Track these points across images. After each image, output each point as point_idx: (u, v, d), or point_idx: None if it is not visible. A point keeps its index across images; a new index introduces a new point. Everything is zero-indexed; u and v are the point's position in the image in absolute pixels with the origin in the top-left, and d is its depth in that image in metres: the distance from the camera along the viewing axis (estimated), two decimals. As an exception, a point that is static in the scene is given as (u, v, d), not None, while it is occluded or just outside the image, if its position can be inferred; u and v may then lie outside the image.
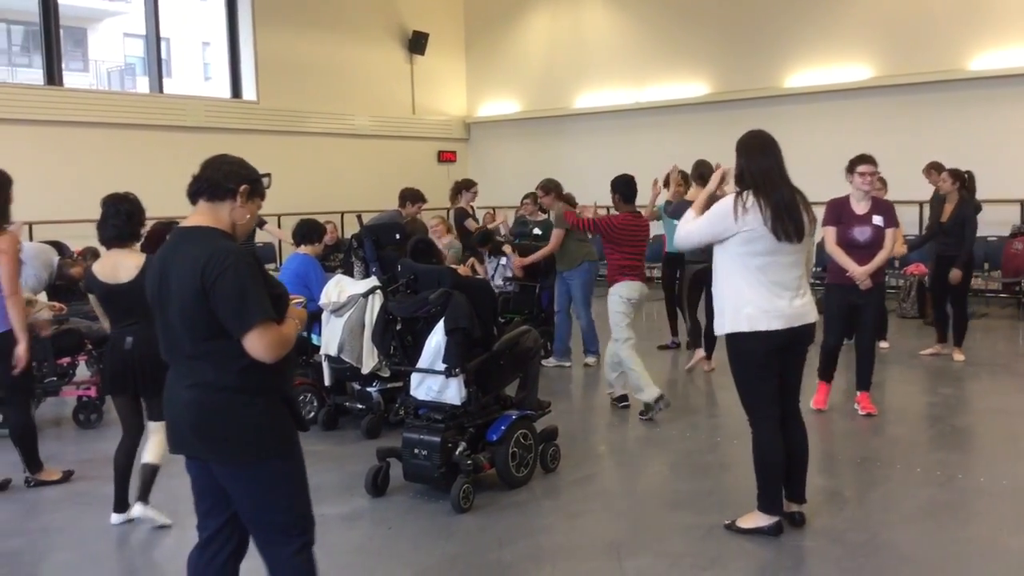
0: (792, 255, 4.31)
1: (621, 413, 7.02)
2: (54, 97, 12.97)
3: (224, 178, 3.02)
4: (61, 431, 6.81)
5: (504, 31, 17.80)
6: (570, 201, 9.23)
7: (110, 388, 4.86)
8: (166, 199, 6.02)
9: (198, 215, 3.03)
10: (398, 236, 7.11)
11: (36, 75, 18.12)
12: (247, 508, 3.01)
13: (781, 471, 4.46)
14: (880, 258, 6.36)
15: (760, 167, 4.26)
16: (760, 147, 4.32)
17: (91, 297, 4.92)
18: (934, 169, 9.28)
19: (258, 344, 2.83)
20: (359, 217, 7.14)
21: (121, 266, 4.72)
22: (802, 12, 14.09)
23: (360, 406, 6.61)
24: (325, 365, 6.65)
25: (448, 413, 5.14)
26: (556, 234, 8.52)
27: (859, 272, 6.32)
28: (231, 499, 3.03)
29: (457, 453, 5.01)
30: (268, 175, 3.23)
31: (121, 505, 4.88)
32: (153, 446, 4.82)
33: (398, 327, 5.42)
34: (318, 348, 6.97)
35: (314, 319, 6.90)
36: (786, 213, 4.18)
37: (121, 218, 4.77)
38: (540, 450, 5.44)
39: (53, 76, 13.23)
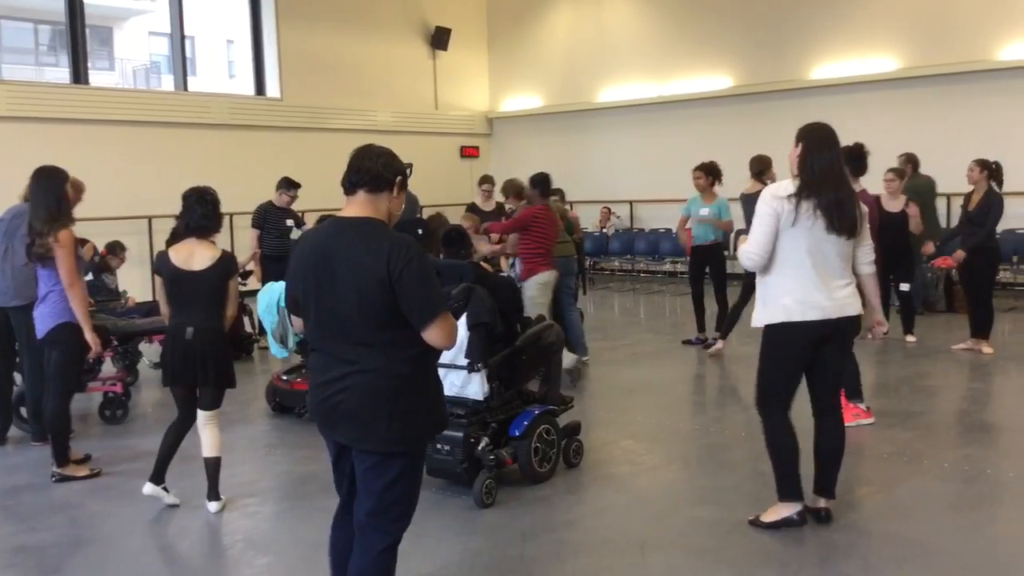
0: (837, 248, 4.29)
1: (646, 409, 6.98)
2: (80, 95, 13.10)
3: (383, 169, 3.12)
4: (87, 427, 6.87)
5: (527, 25, 17.76)
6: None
7: (171, 379, 4.95)
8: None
9: (357, 206, 3.10)
10: (420, 231, 7.10)
11: (63, 74, 18.32)
12: (370, 491, 3.11)
13: (795, 456, 4.45)
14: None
15: (822, 162, 4.24)
16: (824, 141, 4.30)
17: (157, 281, 5.00)
18: (909, 163, 9.28)
19: (438, 333, 2.99)
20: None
21: (197, 255, 4.85)
22: (827, 2, 13.95)
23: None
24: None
25: (470, 408, 5.13)
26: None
27: None
28: (356, 480, 3.15)
29: (479, 448, 5.00)
30: (411, 165, 3.34)
31: (157, 477, 5.02)
32: (209, 439, 4.93)
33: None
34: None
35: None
36: (836, 208, 4.19)
37: (208, 208, 4.90)
38: (563, 445, 5.42)
39: (79, 75, 13.35)
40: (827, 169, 4.24)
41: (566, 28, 17.22)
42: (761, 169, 8.58)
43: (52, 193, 5.46)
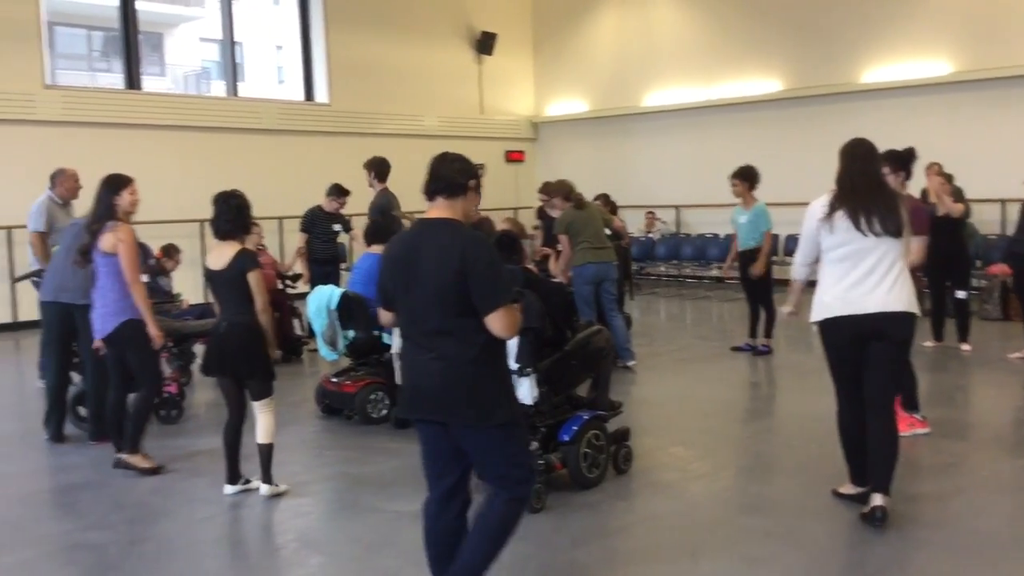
0: (874, 247, 4.51)
1: (695, 416, 6.93)
2: (133, 101, 13.36)
3: (457, 176, 3.48)
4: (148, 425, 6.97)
5: (572, 30, 17.75)
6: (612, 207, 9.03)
7: (209, 369, 5.23)
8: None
9: (438, 209, 3.48)
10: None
11: (115, 79, 18.67)
12: (482, 462, 3.48)
13: (855, 447, 4.73)
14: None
15: (855, 172, 4.60)
16: (859, 154, 4.65)
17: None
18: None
19: (499, 322, 3.31)
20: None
21: (222, 256, 5.08)
22: (878, 5, 13.75)
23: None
24: (396, 364, 6.69)
25: (520, 413, 5.13)
26: (561, 239, 8.40)
27: None
28: (466, 456, 3.48)
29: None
30: (482, 165, 3.56)
31: (233, 477, 5.25)
32: (263, 427, 5.13)
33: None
34: (388, 347, 7.04)
35: (386, 319, 6.97)
36: (863, 210, 4.49)
37: (232, 213, 5.12)
38: (612, 451, 5.40)
39: (132, 80, 13.61)
40: (860, 178, 4.57)
41: (612, 32, 17.19)
42: None
43: (107, 194, 5.62)
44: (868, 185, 4.57)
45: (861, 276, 4.53)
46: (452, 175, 3.47)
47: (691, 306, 13.56)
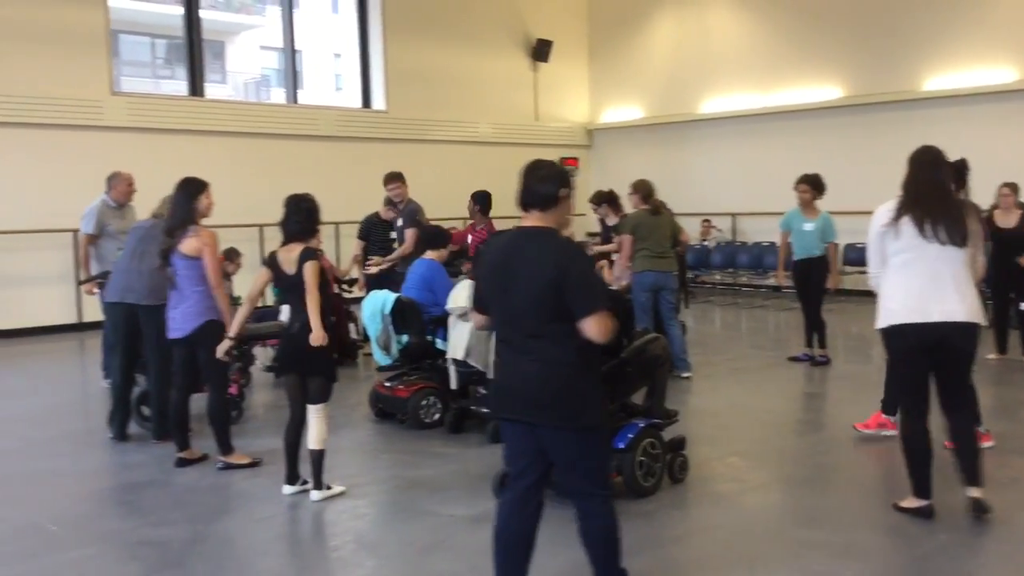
0: (938, 255, 4.54)
1: (751, 426, 6.86)
2: (197, 107, 13.64)
3: (550, 190, 3.56)
4: (204, 426, 7.10)
5: (628, 36, 17.71)
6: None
7: (280, 368, 5.37)
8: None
9: (533, 219, 3.58)
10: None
11: (177, 86, 19.10)
12: (569, 464, 3.54)
13: (924, 459, 4.71)
14: None
15: (922, 180, 4.64)
16: (926, 162, 4.68)
17: (262, 271, 5.39)
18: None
19: (595, 326, 3.39)
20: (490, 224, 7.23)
21: (292, 259, 5.19)
22: (942, 10, 13.50)
23: (485, 410, 6.66)
24: (452, 369, 6.75)
25: (575, 419, 5.12)
26: (622, 239, 8.39)
27: None
28: (551, 457, 3.56)
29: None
30: (575, 168, 3.61)
31: (292, 477, 5.34)
32: (315, 432, 5.18)
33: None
34: (442, 352, 7.08)
35: (438, 324, 7.02)
36: (929, 217, 4.51)
37: (301, 215, 5.24)
38: (668, 460, 5.37)
39: (196, 87, 13.90)
40: (927, 186, 4.60)
41: (668, 38, 17.11)
42: None
43: (186, 199, 5.78)
44: (934, 193, 4.59)
45: (925, 284, 4.55)
46: (545, 190, 3.55)
47: (747, 315, 13.42)
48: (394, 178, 9.28)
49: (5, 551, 4.64)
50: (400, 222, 9.11)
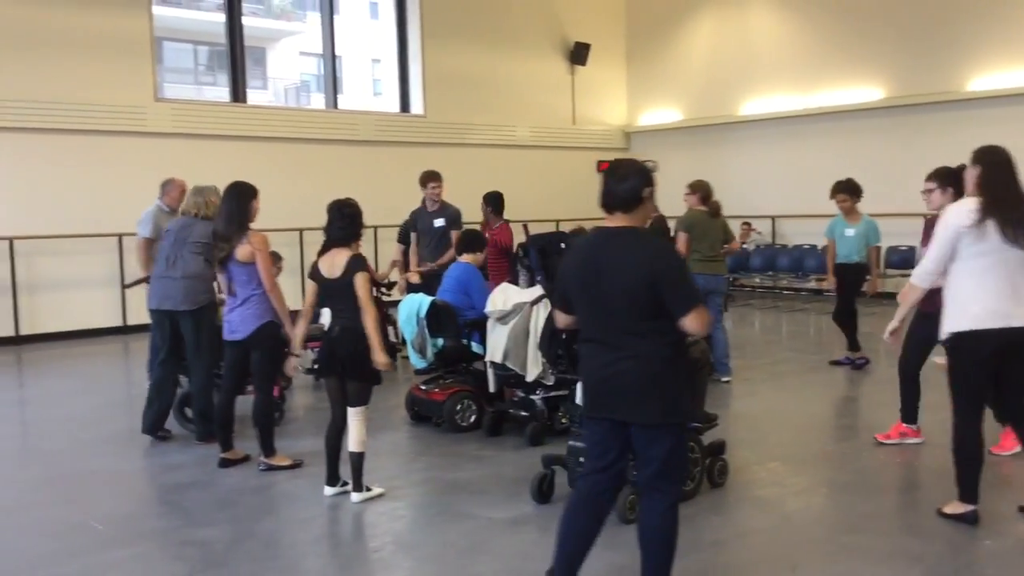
0: (1019, 260, 4.51)
1: (792, 430, 6.80)
2: (239, 113, 13.82)
3: (632, 192, 3.58)
4: (245, 427, 7.19)
5: (667, 39, 17.64)
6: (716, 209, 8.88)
7: (321, 371, 5.41)
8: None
9: (618, 219, 3.62)
10: (563, 245, 7.15)
11: (219, 92, 19.36)
12: (649, 459, 3.57)
13: (976, 465, 4.65)
14: None
15: (999, 182, 4.55)
16: (1001, 163, 4.61)
17: (309, 285, 5.45)
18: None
19: (695, 322, 3.46)
20: (525, 227, 7.24)
21: (336, 263, 5.23)
22: (986, 8, 13.28)
23: (524, 413, 6.68)
24: (490, 372, 6.77)
25: (614, 423, 5.11)
26: (678, 237, 8.35)
27: None
28: (635, 452, 3.63)
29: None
30: (653, 161, 3.65)
31: (333, 479, 5.41)
32: (355, 435, 5.23)
33: (564, 336, 5.44)
34: (477, 355, 7.11)
35: (474, 327, 7.05)
36: (1012, 221, 4.44)
37: (345, 220, 5.28)
38: (707, 464, 5.33)
39: (238, 93, 14.08)
40: (1005, 189, 4.52)
41: (708, 40, 17.02)
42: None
43: (240, 203, 5.87)
44: (1012, 196, 4.52)
45: (1007, 288, 4.50)
46: (627, 191, 3.58)
47: (787, 318, 13.30)
48: (434, 176, 9.23)
49: (53, 549, 4.73)
50: (441, 222, 9.08)
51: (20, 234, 11.59)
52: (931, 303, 5.39)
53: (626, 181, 3.60)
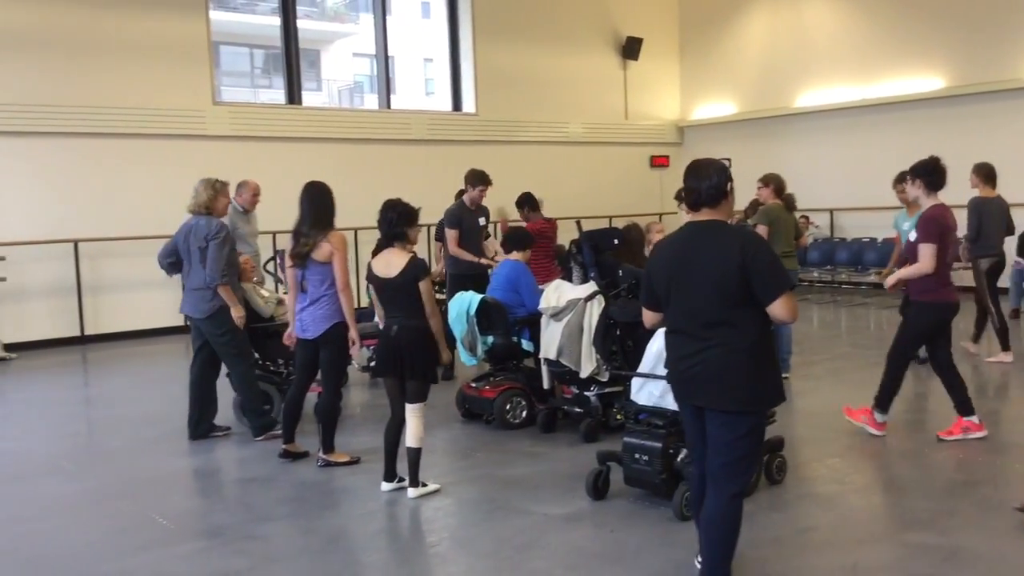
0: None
1: (852, 427, 6.69)
2: (294, 115, 14.01)
3: (717, 189, 3.71)
4: (300, 425, 7.29)
5: (720, 31, 17.45)
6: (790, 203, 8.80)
7: (379, 370, 5.48)
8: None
9: (705, 214, 3.74)
10: (616, 241, 7.13)
11: (275, 95, 19.62)
12: (722, 447, 3.65)
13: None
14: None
15: None
16: None
17: (370, 288, 5.54)
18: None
19: (783, 308, 3.55)
20: (578, 223, 7.22)
21: (392, 263, 5.32)
22: (1052, -6, 12.89)
23: (578, 410, 6.67)
24: (544, 368, 6.77)
25: (669, 419, 5.08)
26: (759, 230, 8.26)
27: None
28: (708, 438, 3.69)
29: (679, 460, 4.95)
30: (727, 159, 3.78)
31: (390, 475, 5.47)
32: (413, 431, 5.31)
33: (618, 332, 5.43)
34: (528, 353, 7.11)
35: (523, 325, 7.05)
36: None
37: (391, 220, 5.36)
38: (766, 460, 5.27)
39: (293, 96, 14.26)
40: None
41: (762, 31, 16.79)
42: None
43: (323, 203, 5.99)
44: None
45: None
46: (713, 190, 3.71)
47: (846, 313, 13.07)
48: (486, 180, 8.94)
49: (119, 544, 4.86)
50: (483, 220, 9.01)
51: (85, 236, 11.89)
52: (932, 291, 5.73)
53: (709, 179, 3.70)
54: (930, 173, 6.09)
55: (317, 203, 5.95)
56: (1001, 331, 8.84)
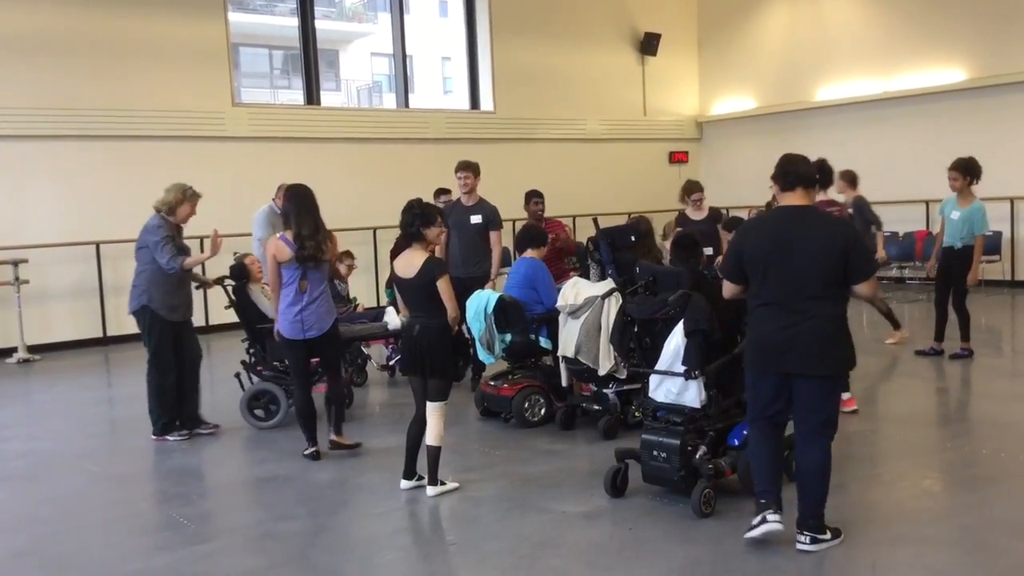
0: None
1: (872, 422, 6.64)
2: (313, 116, 14.06)
3: (810, 170, 4.38)
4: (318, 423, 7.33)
5: (739, 25, 17.35)
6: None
7: (403, 368, 5.65)
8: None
9: (796, 197, 4.33)
10: (633, 238, 7.11)
11: (294, 95, 19.74)
12: (814, 407, 4.24)
13: None
14: None
15: None
16: None
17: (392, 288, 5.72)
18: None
19: (870, 286, 4.26)
20: (595, 220, 7.19)
21: (411, 264, 5.37)
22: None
23: (596, 407, 6.66)
24: (562, 366, 6.76)
25: (687, 416, 5.06)
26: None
27: None
28: (798, 401, 4.26)
29: (697, 457, 4.93)
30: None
31: (409, 472, 5.51)
32: (433, 429, 5.34)
33: (636, 329, 5.42)
34: (546, 351, 7.10)
35: (541, 322, 7.05)
36: None
37: (408, 220, 5.42)
38: (785, 456, 5.23)
39: (312, 96, 14.32)
40: None
41: (781, 25, 16.67)
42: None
43: (314, 204, 6.11)
44: None
45: None
46: (808, 172, 4.33)
47: (867, 307, 12.93)
48: (465, 166, 8.60)
49: (141, 543, 4.90)
50: (479, 219, 8.44)
51: (106, 238, 11.98)
52: None
53: (803, 164, 4.35)
54: (821, 173, 6.13)
55: (310, 205, 6.07)
56: (888, 314, 9.72)
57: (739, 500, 4.95)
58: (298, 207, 6.06)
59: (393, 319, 7.52)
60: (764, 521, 4.31)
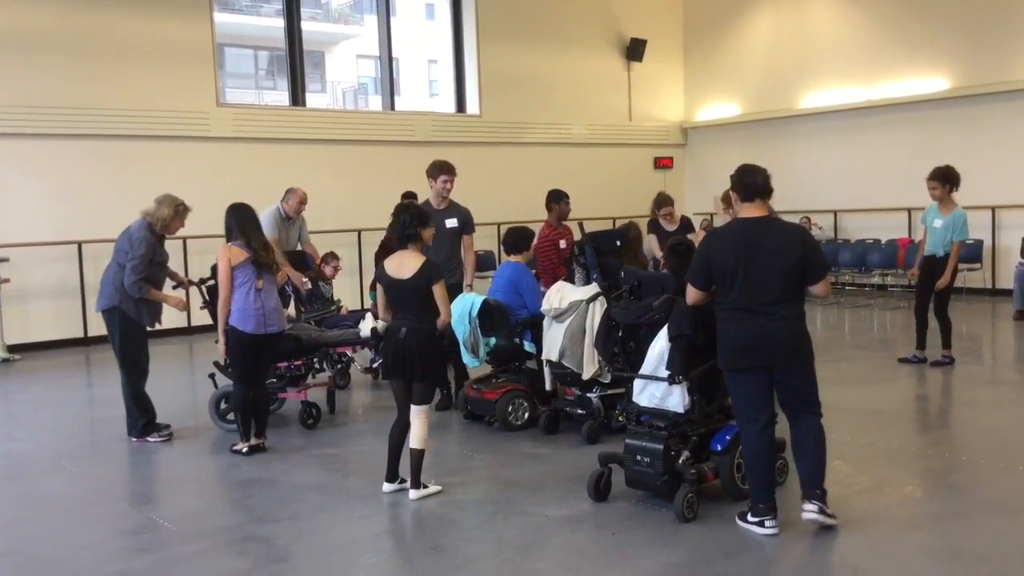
0: None
1: (855, 429, 6.67)
2: (298, 117, 14.02)
3: (766, 181, 4.65)
4: (292, 427, 7.31)
5: (724, 33, 17.44)
6: None
7: (387, 372, 5.48)
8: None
9: (755, 208, 4.64)
10: (619, 243, 7.13)
11: (279, 97, 19.66)
12: (798, 391, 4.61)
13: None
14: None
15: None
16: None
17: (379, 288, 5.58)
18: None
19: (824, 287, 4.64)
20: (581, 224, 7.21)
21: (405, 264, 5.35)
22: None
23: (580, 411, 6.66)
24: (546, 370, 6.77)
25: (671, 420, 5.08)
26: None
27: None
28: (783, 391, 4.62)
29: (680, 461, 4.94)
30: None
31: (392, 476, 5.49)
32: (417, 433, 5.33)
33: (620, 333, 5.43)
34: (530, 355, 7.10)
35: (525, 326, 7.04)
36: None
37: (404, 223, 5.42)
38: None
39: (297, 97, 14.28)
40: None
41: (766, 33, 16.78)
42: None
43: (259, 226, 6.54)
44: None
45: None
46: (765, 184, 4.63)
47: (850, 315, 13.04)
48: (447, 169, 8.19)
49: (124, 546, 4.86)
50: (454, 223, 8.00)
51: (88, 238, 11.90)
52: None
53: (760, 174, 4.63)
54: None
55: (256, 223, 6.47)
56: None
57: (722, 506, 4.97)
58: (245, 224, 6.36)
59: (366, 326, 7.17)
60: (762, 526, 4.58)
